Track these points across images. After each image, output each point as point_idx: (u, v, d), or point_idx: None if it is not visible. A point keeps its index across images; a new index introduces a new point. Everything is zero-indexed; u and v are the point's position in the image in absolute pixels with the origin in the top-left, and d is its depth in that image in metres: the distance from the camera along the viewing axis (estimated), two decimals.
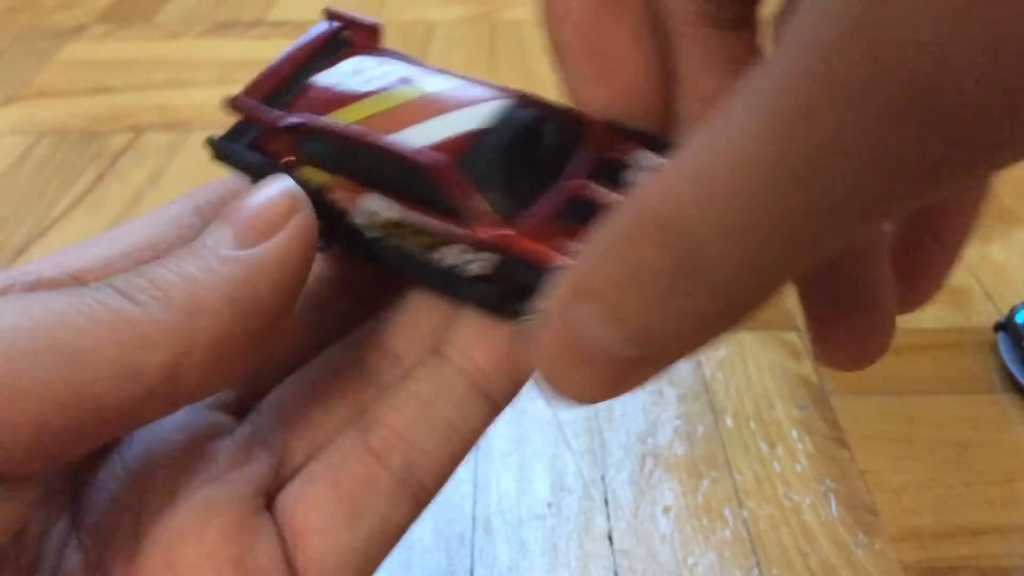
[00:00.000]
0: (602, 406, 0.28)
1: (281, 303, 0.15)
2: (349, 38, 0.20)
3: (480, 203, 0.16)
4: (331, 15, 0.21)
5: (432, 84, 0.18)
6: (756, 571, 0.23)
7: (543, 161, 0.17)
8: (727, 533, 0.24)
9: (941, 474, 0.26)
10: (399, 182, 0.17)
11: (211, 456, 0.17)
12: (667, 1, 0.16)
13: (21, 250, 0.36)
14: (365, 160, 0.17)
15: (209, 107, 0.47)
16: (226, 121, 0.20)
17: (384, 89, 0.18)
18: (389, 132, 0.17)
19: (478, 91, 0.18)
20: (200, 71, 0.51)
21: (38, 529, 0.16)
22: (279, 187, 0.16)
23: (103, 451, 0.17)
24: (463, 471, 0.24)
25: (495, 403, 0.18)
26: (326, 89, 0.18)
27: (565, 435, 0.27)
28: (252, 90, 0.19)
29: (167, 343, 0.14)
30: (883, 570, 0.23)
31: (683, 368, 0.30)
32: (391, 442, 0.18)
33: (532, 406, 0.29)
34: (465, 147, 0.17)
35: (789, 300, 0.33)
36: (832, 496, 0.25)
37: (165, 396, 0.14)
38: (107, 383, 0.13)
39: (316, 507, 0.17)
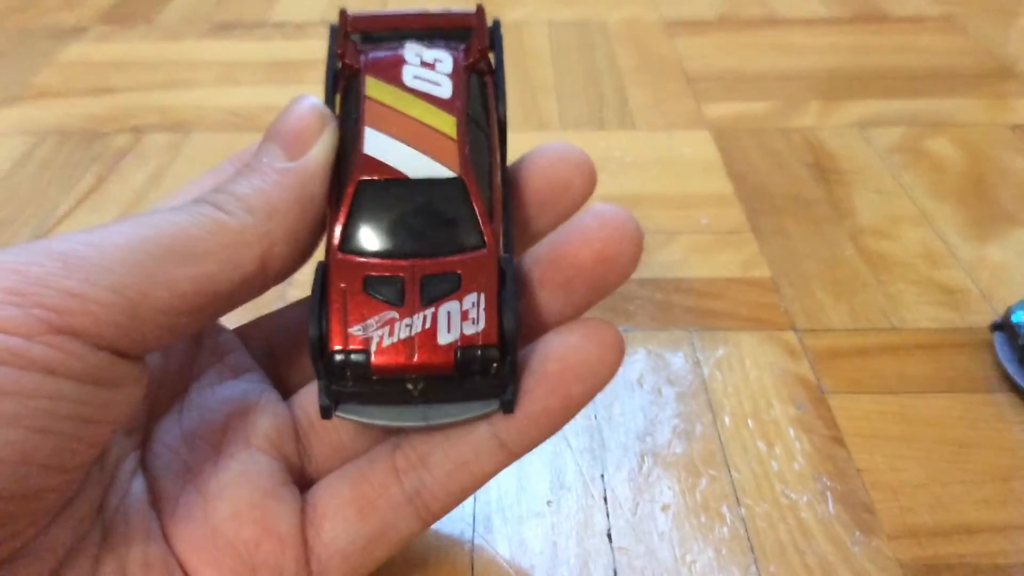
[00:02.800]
0: (601, 405, 0.29)
1: (324, 193, 0.19)
2: (470, 34, 0.22)
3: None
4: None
5: (443, 122, 0.20)
6: (754, 568, 0.23)
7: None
8: (725, 531, 0.24)
9: (938, 472, 0.26)
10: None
11: (252, 425, 0.20)
12: None
13: None
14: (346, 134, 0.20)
15: (210, 108, 0.47)
16: (224, 123, 0.21)
17: (415, 92, 0.20)
18: (378, 128, 0.19)
19: (450, 153, 0.19)
20: (201, 72, 0.51)
21: (119, 454, 0.19)
22: (308, 105, 0.19)
23: (166, 409, 0.20)
24: None
25: (511, 452, 0.20)
26: (398, 58, 0.21)
27: (564, 434, 0.28)
28: (361, 22, 0.22)
29: (256, 241, 0.17)
30: (880, 567, 0.23)
31: (682, 368, 0.30)
32: (412, 463, 0.20)
33: None
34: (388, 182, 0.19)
35: (787, 300, 0.33)
36: (829, 494, 0.25)
37: (258, 281, 0.18)
38: (217, 275, 0.17)
39: (336, 498, 0.20)
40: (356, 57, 0.21)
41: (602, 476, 0.26)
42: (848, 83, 0.50)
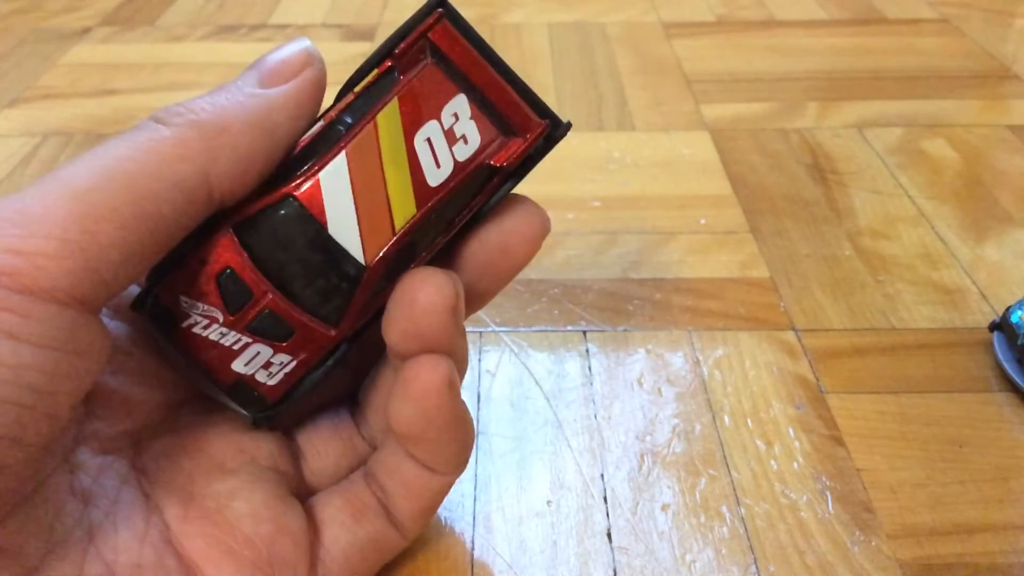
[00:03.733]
0: (601, 405, 0.29)
1: (290, 132, 0.18)
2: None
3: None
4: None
5: (403, 207, 0.19)
6: (753, 568, 0.23)
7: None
8: (724, 530, 0.24)
9: (937, 472, 0.26)
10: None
11: (254, 444, 0.21)
12: None
13: None
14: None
15: None
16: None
17: (411, 157, 0.19)
18: (351, 163, 0.19)
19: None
20: (203, 74, 0.51)
21: (95, 466, 0.19)
22: (299, 45, 0.19)
23: (158, 424, 0.21)
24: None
25: (434, 470, 0.21)
26: (436, 105, 0.19)
27: (564, 434, 0.28)
28: (455, 43, 0.19)
29: (197, 155, 0.17)
30: (879, 567, 0.23)
31: (681, 367, 0.30)
32: (379, 486, 0.22)
33: (532, 405, 0.29)
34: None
35: (786, 300, 0.33)
36: (828, 494, 0.25)
37: (204, 201, 0.17)
38: (158, 194, 0.16)
39: (330, 507, 0.22)
40: (414, 68, 0.19)
41: (602, 476, 0.26)
42: (846, 84, 0.50)
